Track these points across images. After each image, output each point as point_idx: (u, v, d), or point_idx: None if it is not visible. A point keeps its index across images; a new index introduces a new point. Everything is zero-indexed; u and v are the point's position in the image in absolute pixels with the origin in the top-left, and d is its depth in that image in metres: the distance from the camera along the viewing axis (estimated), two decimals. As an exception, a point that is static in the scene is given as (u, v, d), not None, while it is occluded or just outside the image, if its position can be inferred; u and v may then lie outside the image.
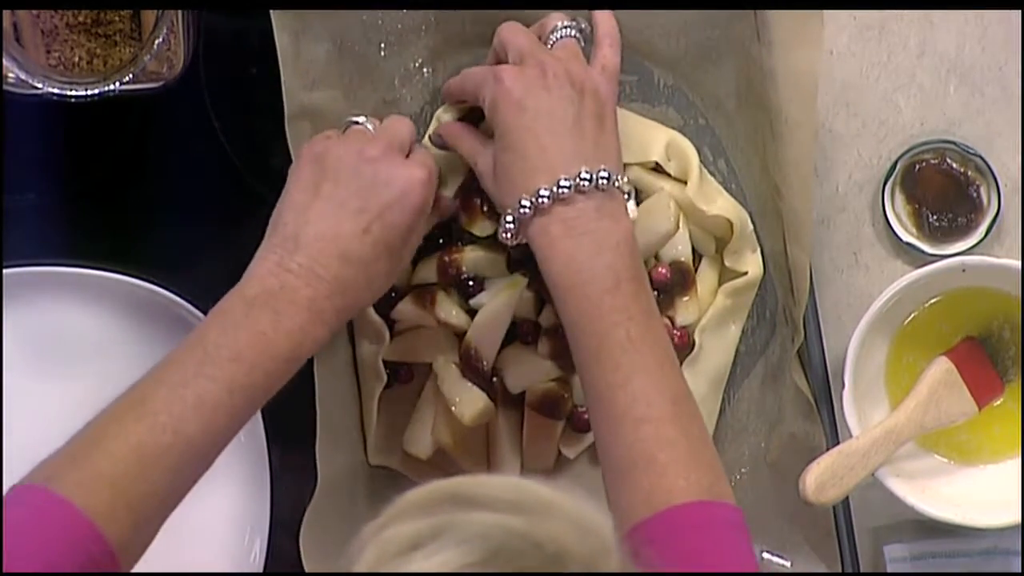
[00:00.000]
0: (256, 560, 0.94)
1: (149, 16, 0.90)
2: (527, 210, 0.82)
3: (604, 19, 0.88)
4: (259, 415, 0.92)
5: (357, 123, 0.86)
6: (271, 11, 0.86)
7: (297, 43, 0.88)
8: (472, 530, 0.54)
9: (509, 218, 0.83)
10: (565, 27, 0.87)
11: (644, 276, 0.84)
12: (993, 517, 0.91)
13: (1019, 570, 0.94)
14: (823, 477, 0.88)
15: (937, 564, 0.95)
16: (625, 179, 0.84)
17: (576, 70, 0.84)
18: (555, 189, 0.81)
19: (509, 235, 0.84)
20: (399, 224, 0.82)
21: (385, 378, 0.93)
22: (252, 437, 0.92)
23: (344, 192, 0.81)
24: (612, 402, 0.80)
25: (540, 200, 0.82)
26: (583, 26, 0.88)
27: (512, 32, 0.87)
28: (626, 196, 0.85)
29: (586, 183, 0.81)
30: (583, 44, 0.88)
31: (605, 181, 0.82)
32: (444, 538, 0.54)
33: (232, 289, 0.80)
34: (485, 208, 0.91)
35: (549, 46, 0.87)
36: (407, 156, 0.85)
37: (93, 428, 0.76)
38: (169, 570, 0.78)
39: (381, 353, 0.93)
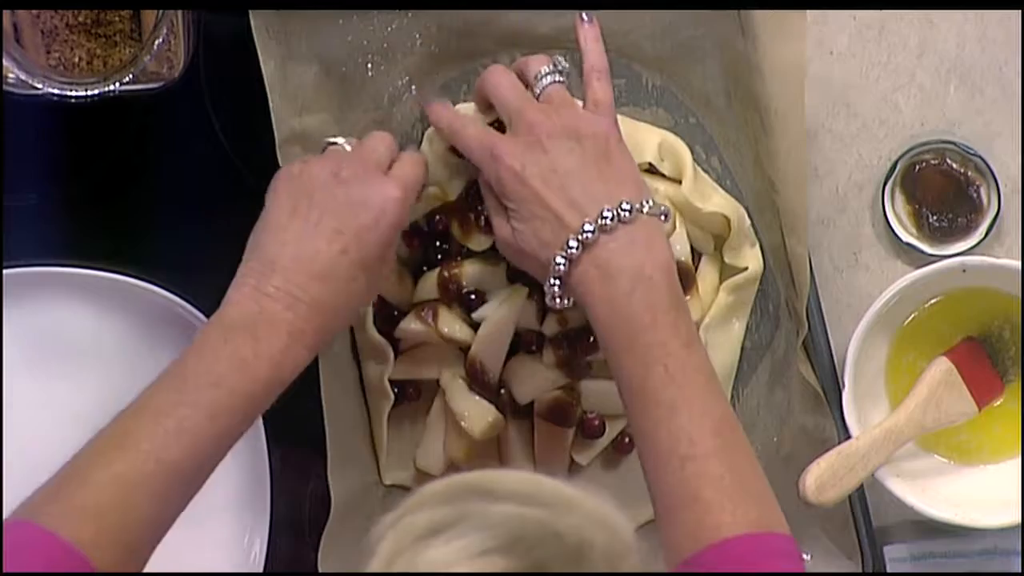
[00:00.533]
0: (256, 560, 0.94)
1: (149, 16, 0.90)
2: (563, 266, 0.81)
3: (590, 52, 0.86)
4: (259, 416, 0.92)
5: (335, 144, 0.86)
6: (256, 41, 0.86)
7: (283, 69, 0.88)
8: (492, 519, 0.55)
9: (552, 281, 0.82)
10: (547, 75, 0.85)
11: (682, 303, 0.82)
12: (993, 517, 0.91)
13: (1019, 570, 0.94)
14: (823, 477, 0.88)
15: (937, 564, 0.95)
16: (651, 202, 0.82)
17: (568, 120, 0.83)
18: (581, 236, 0.81)
19: (559, 300, 0.83)
20: (376, 244, 0.81)
21: (393, 397, 0.93)
22: (252, 437, 0.92)
23: (319, 213, 0.81)
24: (655, 440, 0.79)
25: (570, 251, 0.81)
26: (562, 66, 0.86)
27: (496, 83, 0.86)
28: (662, 217, 0.83)
29: (608, 221, 0.81)
30: (568, 84, 0.86)
31: (627, 213, 0.81)
32: (463, 525, 0.54)
33: (211, 316, 0.80)
34: (481, 222, 0.90)
35: (535, 95, 0.85)
36: (388, 169, 0.84)
37: (77, 461, 0.75)
38: (168, 569, 0.78)
39: (387, 373, 0.93)
